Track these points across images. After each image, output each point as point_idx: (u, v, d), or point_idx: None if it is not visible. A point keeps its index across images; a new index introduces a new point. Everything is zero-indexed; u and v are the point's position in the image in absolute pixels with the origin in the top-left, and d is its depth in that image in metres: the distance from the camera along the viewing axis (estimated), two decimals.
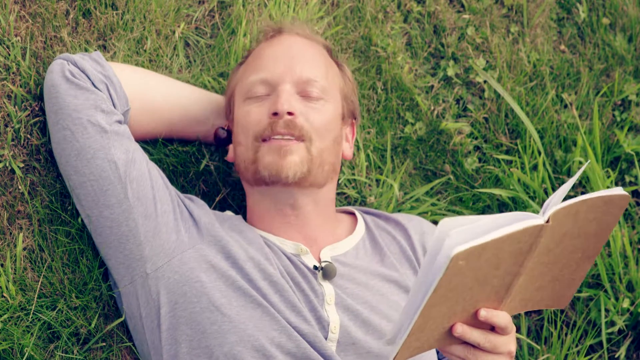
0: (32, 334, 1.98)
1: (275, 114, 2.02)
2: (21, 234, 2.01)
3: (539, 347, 2.38)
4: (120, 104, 2.03)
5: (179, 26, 2.25)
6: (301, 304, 1.95)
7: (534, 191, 2.45)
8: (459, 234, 1.59)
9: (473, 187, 2.45)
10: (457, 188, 2.45)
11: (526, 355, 2.38)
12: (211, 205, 2.21)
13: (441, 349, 1.77)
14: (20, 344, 1.96)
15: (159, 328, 1.95)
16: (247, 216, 2.13)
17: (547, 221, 1.65)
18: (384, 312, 2.01)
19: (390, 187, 2.35)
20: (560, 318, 2.43)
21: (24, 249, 2.02)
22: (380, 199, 2.35)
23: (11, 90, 2.04)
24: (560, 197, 1.68)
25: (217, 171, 2.24)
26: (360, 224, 2.15)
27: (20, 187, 2.03)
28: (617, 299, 2.43)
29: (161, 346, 1.95)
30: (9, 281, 1.98)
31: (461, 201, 2.45)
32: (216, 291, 1.93)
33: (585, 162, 2.42)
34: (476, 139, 2.48)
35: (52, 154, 2.04)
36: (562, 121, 2.53)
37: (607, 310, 2.43)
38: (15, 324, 1.97)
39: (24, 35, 2.07)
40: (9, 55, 2.05)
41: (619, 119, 2.60)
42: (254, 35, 2.28)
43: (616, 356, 2.44)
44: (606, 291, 2.44)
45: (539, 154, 2.46)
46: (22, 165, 2.03)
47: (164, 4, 2.23)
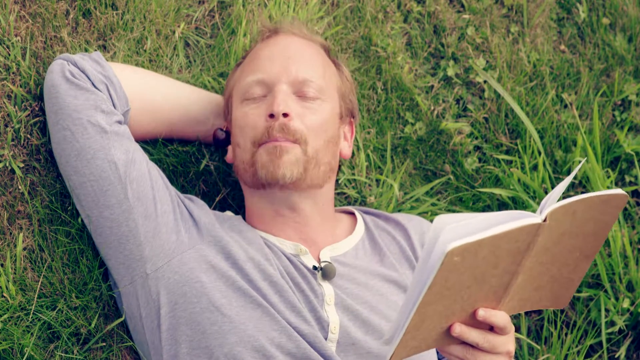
0: (32, 334, 1.98)
1: (271, 115, 2.02)
2: (21, 234, 2.01)
3: (539, 347, 2.38)
4: (120, 104, 2.03)
5: (179, 26, 2.25)
6: (301, 304, 1.95)
7: (534, 191, 2.45)
8: (454, 230, 1.58)
9: (473, 187, 2.45)
10: (457, 188, 2.45)
11: (526, 355, 2.38)
12: (211, 205, 2.21)
13: (440, 349, 1.77)
14: (20, 344, 1.96)
15: (158, 328, 1.95)
16: (246, 217, 2.13)
17: (545, 220, 1.64)
18: (383, 312, 2.01)
19: (390, 187, 2.35)
20: (560, 318, 2.43)
21: (24, 249, 2.02)
22: (380, 199, 2.35)
23: (11, 90, 2.04)
24: (557, 195, 1.67)
25: (217, 171, 2.24)
26: (360, 224, 2.15)
27: (20, 187, 2.03)
28: (617, 299, 2.43)
29: (161, 346, 1.95)
30: (9, 281, 1.98)
31: (461, 201, 2.45)
32: (216, 291, 1.93)
33: (586, 163, 2.43)
34: (476, 139, 2.48)
35: (52, 154, 2.04)
36: (562, 121, 2.53)
37: (607, 310, 2.43)
38: (15, 324, 1.97)
39: (24, 35, 2.07)
40: (9, 55, 2.05)
41: (619, 119, 2.60)
42: (254, 35, 2.28)
43: (616, 356, 2.44)
44: (606, 291, 2.44)
45: (539, 154, 2.46)
46: (22, 165, 2.04)
47: (164, 4, 2.23)
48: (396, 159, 2.42)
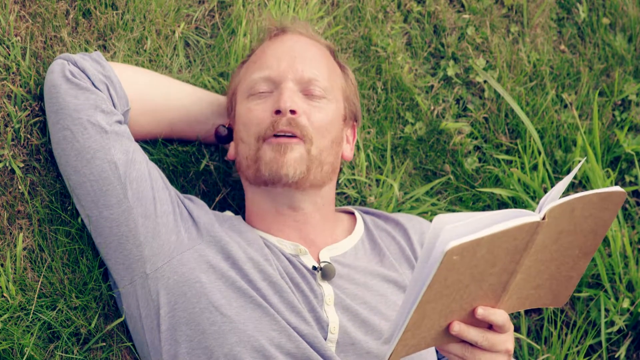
0: (32, 334, 1.98)
1: (278, 111, 2.02)
2: (21, 234, 2.01)
3: (539, 347, 2.38)
4: (121, 104, 2.03)
5: (179, 26, 2.25)
6: (300, 304, 1.95)
7: (534, 191, 2.44)
8: (454, 230, 1.59)
9: (473, 187, 2.45)
10: (457, 188, 2.45)
11: (526, 355, 2.38)
12: (211, 205, 2.21)
13: (439, 348, 1.77)
14: (20, 344, 1.96)
15: (158, 328, 1.95)
16: (246, 216, 2.13)
17: (543, 218, 1.65)
18: (383, 312, 2.01)
19: (390, 187, 2.35)
20: (560, 318, 2.43)
21: (24, 249, 2.02)
22: (380, 199, 2.35)
23: (11, 90, 2.04)
24: (557, 194, 1.68)
25: (217, 171, 2.24)
26: (360, 224, 2.15)
27: (20, 187, 2.03)
28: (617, 299, 2.43)
29: (161, 346, 1.95)
30: (9, 281, 1.98)
31: (461, 201, 2.45)
32: (216, 292, 1.93)
33: (586, 163, 2.43)
34: (476, 139, 2.48)
35: (52, 154, 2.04)
36: (562, 121, 2.53)
37: (607, 310, 2.43)
38: (15, 324, 1.97)
39: (24, 35, 2.07)
40: (9, 55, 2.05)
41: (619, 119, 2.60)
42: (254, 35, 2.28)
43: (616, 356, 2.44)
44: (606, 291, 2.44)
45: (539, 153, 2.46)
46: (22, 165, 2.04)
47: (164, 4, 2.23)
48: (396, 159, 2.42)
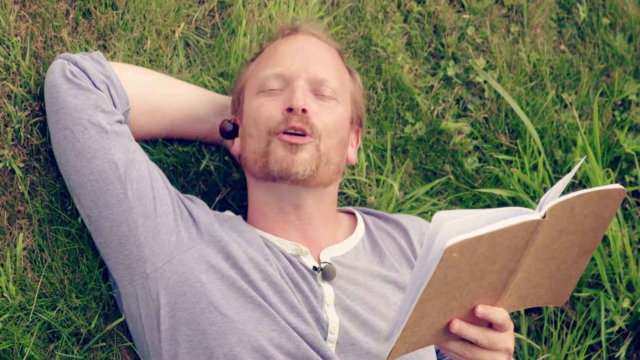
0: (32, 334, 1.98)
1: (290, 109, 2.02)
2: (21, 234, 2.01)
3: (539, 347, 2.38)
4: (121, 103, 2.03)
5: (179, 26, 2.25)
6: (300, 304, 1.95)
7: (534, 191, 2.44)
8: (453, 226, 1.59)
9: (473, 187, 2.45)
10: (457, 188, 2.45)
11: (526, 355, 2.38)
12: (211, 205, 2.21)
13: (439, 345, 1.77)
14: (20, 344, 1.96)
15: (158, 328, 1.95)
16: (247, 215, 2.13)
17: (544, 217, 1.65)
18: (383, 313, 2.01)
19: (390, 187, 2.35)
20: (560, 318, 2.43)
21: (24, 249, 2.02)
22: (380, 199, 2.35)
23: (11, 90, 2.04)
24: (557, 193, 1.68)
25: (217, 171, 2.24)
26: (360, 224, 2.15)
27: (20, 187, 2.03)
28: (617, 299, 2.43)
29: (161, 346, 1.95)
30: (9, 281, 1.98)
31: (461, 201, 2.45)
32: (216, 292, 1.93)
33: (586, 163, 2.42)
34: (476, 139, 2.48)
35: (52, 154, 2.04)
36: (562, 121, 2.53)
37: (607, 310, 2.43)
38: (15, 324, 1.97)
39: (24, 35, 2.07)
40: (9, 55, 2.05)
41: (619, 119, 2.60)
42: (254, 35, 2.28)
43: (616, 356, 2.44)
44: (606, 291, 2.44)
45: (539, 154, 2.46)
46: (22, 165, 2.04)
47: (164, 4, 2.23)
48: (396, 159, 2.42)
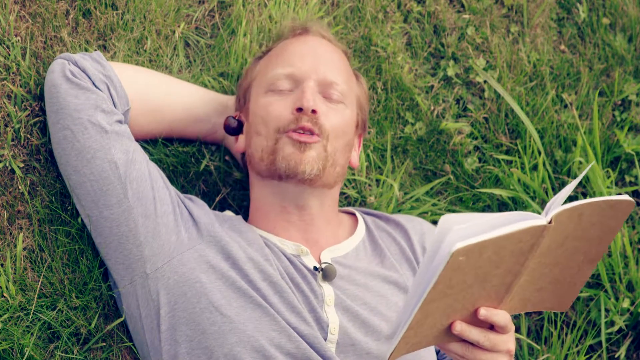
0: (32, 334, 1.98)
1: (299, 109, 2.02)
2: (21, 234, 2.01)
3: (539, 347, 2.38)
4: (121, 103, 2.03)
5: (179, 26, 2.25)
6: (300, 304, 1.95)
7: (534, 191, 2.44)
8: (461, 231, 1.59)
9: (473, 187, 2.45)
10: (457, 188, 2.45)
11: (526, 355, 2.38)
12: (211, 205, 2.21)
13: (440, 346, 1.77)
14: (20, 344, 1.96)
15: (158, 328, 1.95)
16: (249, 214, 2.13)
17: (550, 222, 1.64)
18: (383, 313, 2.01)
19: (390, 187, 2.35)
20: (560, 318, 2.43)
21: (24, 249, 2.02)
22: (380, 199, 2.35)
23: (11, 90, 2.04)
24: (563, 198, 1.67)
25: (217, 171, 2.24)
26: (361, 225, 2.15)
27: (20, 187, 2.03)
28: (617, 299, 2.43)
29: (161, 346, 1.95)
30: (9, 281, 1.98)
31: (461, 201, 2.45)
32: (216, 292, 1.93)
33: (586, 163, 2.42)
34: (476, 139, 2.48)
35: (52, 154, 2.04)
36: (562, 121, 2.53)
37: (607, 310, 2.43)
38: (15, 324, 1.97)
39: (24, 35, 2.07)
40: (9, 55, 2.05)
41: (619, 119, 2.60)
42: (254, 35, 2.28)
43: (616, 356, 2.44)
44: (606, 291, 2.44)
45: (539, 154, 2.46)
46: (22, 165, 2.03)
47: (164, 4, 2.23)
48: (396, 159, 2.42)
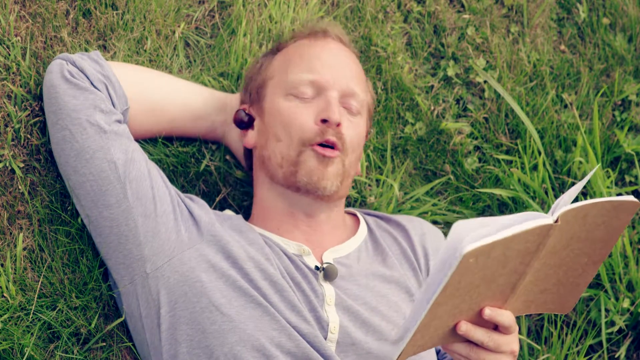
0: (32, 334, 1.98)
1: (324, 120, 2.03)
2: (21, 234, 2.01)
3: (539, 347, 2.38)
4: (120, 103, 2.03)
5: (179, 26, 2.25)
6: (301, 304, 1.95)
7: (534, 191, 2.44)
8: (474, 239, 1.59)
9: (473, 187, 2.45)
10: (457, 188, 2.45)
11: (526, 355, 2.38)
12: (211, 205, 2.21)
13: (444, 347, 1.77)
14: (20, 344, 1.96)
15: (158, 328, 1.95)
16: (251, 212, 2.13)
17: (556, 221, 1.65)
18: (384, 313, 2.01)
19: (390, 187, 2.35)
20: (560, 318, 2.43)
21: (24, 249, 2.02)
22: (380, 199, 2.35)
23: (11, 90, 2.04)
24: (570, 198, 1.68)
25: (217, 171, 2.23)
26: (363, 225, 2.15)
27: (20, 187, 2.02)
28: (617, 299, 2.43)
29: (161, 346, 1.95)
30: (9, 281, 1.98)
31: (461, 201, 2.45)
32: (216, 291, 1.93)
33: (586, 163, 2.42)
34: (476, 139, 2.48)
35: (52, 154, 2.04)
36: (562, 121, 2.53)
37: (607, 310, 2.43)
38: (15, 324, 1.97)
39: (24, 35, 2.07)
40: (9, 55, 2.05)
41: (619, 119, 2.60)
42: (254, 35, 2.28)
43: (616, 356, 2.44)
44: (606, 291, 2.44)
45: (539, 154, 2.46)
46: (22, 165, 2.03)
47: (164, 4, 2.23)
48: (396, 159, 2.42)
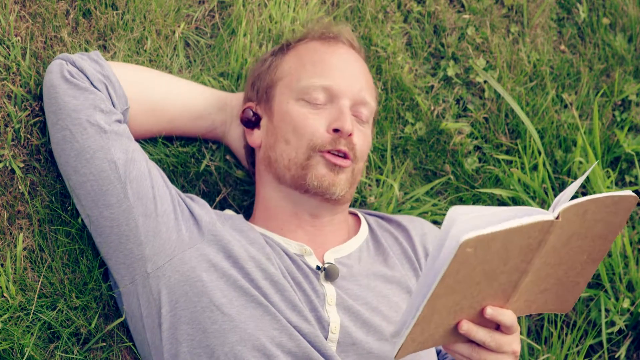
0: (32, 334, 1.98)
1: (336, 130, 2.04)
2: (21, 234, 2.01)
3: (539, 347, 2.38)
4: (120, 103, 2.03)
5: (179, 26, 2.25)
6: (302, 303, 1.95)
7: (534, 191, 2.45)
8: (467, 222, 1.58)
9: (473, 187, 2.45)
10: (457, 188, 2.45)
11: (526, 355, 2.38)
12: (211, 205, 2.21)
13: (445, 347, 1.77)
14: (20, 344, 1.96)
15: (159, 327, 1.95)
16: (253, 211, 2.13)
17: (557, 217, 1.65)
18: (385, 313, 2.01)
19: (390, 187, 2.35)
20: (561, 318, 2.43)
21: (24, 249, 2.01)
22: (381, 199, 2.35)
23: (11, 90, 2.04)
24: (570, 195, 1.68)
25: (217, 171, 2.24)
26: (364, 225, 2.15)
27: (20, 187, 2.02)
28: (617, 299, 2.43)
29: (162, 346, 1.95)
30: (9, 281, 1.97)
31: (461, 201, 2.45)
32: (217, 290, 1.93)
33: (586, 163, 2.42)
34: (476, 139, 2.48)
35: (52, 154, 2.04)
36: (562, 121, 2.53)
37: (607, 310, 2.43)
38: (15, 324, 1.97)
39: (24, 35, 2.07)
40: (9, 55, 2.05)
41: (619, 119, 2.60)
42: (254, 35, 2.28)
43: (616, 356, 2.44)
44: (606, 291, 2.44)
45: (539, 154, 2.46)
46: (22, 165, 2.03)
47: (164, 4, 2.23)
48: (396, 159, 2.42)
